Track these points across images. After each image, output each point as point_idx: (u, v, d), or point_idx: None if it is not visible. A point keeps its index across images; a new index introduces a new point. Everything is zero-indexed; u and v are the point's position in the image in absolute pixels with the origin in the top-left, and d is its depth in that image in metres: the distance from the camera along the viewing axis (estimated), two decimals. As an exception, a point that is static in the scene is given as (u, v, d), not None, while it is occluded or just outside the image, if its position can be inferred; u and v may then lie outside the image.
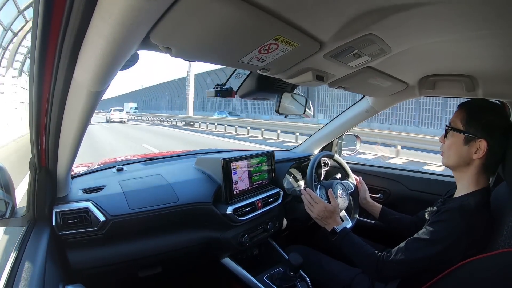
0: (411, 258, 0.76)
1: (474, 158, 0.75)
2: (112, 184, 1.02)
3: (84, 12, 0.36)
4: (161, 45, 0.46)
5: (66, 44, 0.42)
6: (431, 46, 0.68)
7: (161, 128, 16.59)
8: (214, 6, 0.38)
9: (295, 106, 1.05)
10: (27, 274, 0.59)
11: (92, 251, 0.88)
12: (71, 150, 0.71)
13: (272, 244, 1.30)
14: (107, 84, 0.53)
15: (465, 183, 0.79)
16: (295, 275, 1.03)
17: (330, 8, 0.46)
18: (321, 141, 1.63)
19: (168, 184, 1.07)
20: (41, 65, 0.46)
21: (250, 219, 1.15)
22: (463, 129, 0.76)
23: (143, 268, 1.02)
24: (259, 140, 10.22)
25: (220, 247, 1.12)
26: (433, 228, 0.75)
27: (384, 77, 0.94)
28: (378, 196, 1.47)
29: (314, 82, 0.77)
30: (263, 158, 1.28)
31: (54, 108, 0.56)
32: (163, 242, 0.99)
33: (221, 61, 0.61)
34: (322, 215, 1.02)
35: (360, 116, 1.43)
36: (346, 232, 0.94)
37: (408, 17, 0.50)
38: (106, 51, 0.41)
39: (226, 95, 0.91)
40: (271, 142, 9.81)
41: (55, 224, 0.82)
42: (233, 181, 1.14)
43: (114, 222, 0.88)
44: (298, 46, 0.55)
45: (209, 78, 23.11)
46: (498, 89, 0.98)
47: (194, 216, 1.05)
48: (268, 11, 0.43)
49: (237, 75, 0.91)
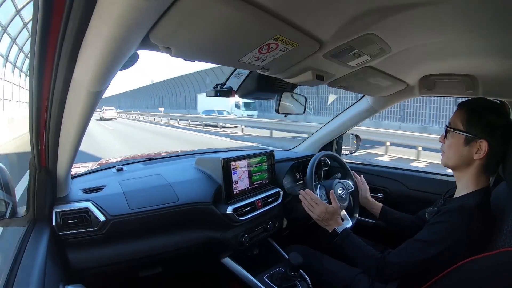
0: (412, 259, 0.76)
1: (474, 158, 0.75)
2: (112, 184, 1.02)
3: (84, 12, 0.36)
4: (161, 45, 0.46)
5: (66, 44, 0.42)
6: (431, 46, 0.68)
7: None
8: (214, 6, 0.38)
9: (295, 106, 1.05)
10: (27, 274, 0.59)
11: (92, 251, 0.88)
12: (71, 150, 0.71)
13: (272, 244, 1.30)
14: (107, 84, 0.53)
15: (465, 183, 0.79)
16: (295, 275, 1.03)
17: (330, 8, 0.46)
18: (321, 141, 1.63)
19: (168, 184, 1.07)
20: (40, 65, 0.46)
21: (250, 218, 1.15)
22: (464, 129, 0.76)
23: (143, 268, 1.02)
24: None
25: (220, 247, 1.12)
26: (433, 229, 0.74)
27: (384, 77, 0.93)
28: (378, 195, 1.47)
29: (314, 81, 0.77)
30: (263, 158, 1.28)
31: (54, 108, 0.56)
32: (163, 242, 0.99)
33: (221, 61, 0.61)
34: (323, 217, 1.02)
35: (360, 115, 1.43)
36: (347, 233, 0.94)
37: (408, 17, 0.50)
38: (105, 51, 0.41)
39: (226, 95, 0.91)
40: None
41: (55, 224, 0.82)
42: (233, 180, 1.14)
43: (114, 222, 0.88)
44: (298, 45, 0.55)
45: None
46: (498, 88, 0.98)
47: (194, 216, 1.05)
48: (268, 11, 0.43)
49: (237, 75, 0.91)
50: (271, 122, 11.56)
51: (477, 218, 0.71)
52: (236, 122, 13.50)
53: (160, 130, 13.70)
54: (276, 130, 10.57)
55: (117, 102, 62.01)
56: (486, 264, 0.65)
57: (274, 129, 10.69)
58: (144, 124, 18.67)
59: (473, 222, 0.71)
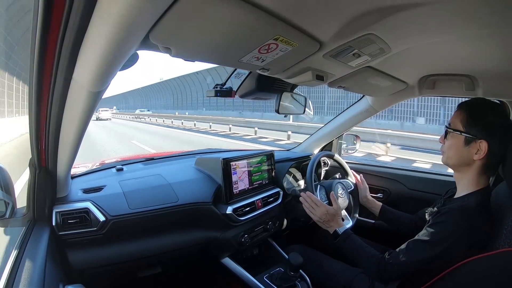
0: (412, 260, 0.76)
1: (474, 159, 0.75)
2: (112, 184, 1.02)
3: (84, 12, 0.36)
4: (161, 45, 0.46)
5: (66, 44, 0.42)
6: (431, 46, 0.67)
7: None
8: (213, 6, 0.38)
9: (295, 106, 1.05)
10: (27, 274, 0.59)
11: (92, 251, 0.88)
12: (71, 150, 0.71)
13: (272, 244, 1.30)
14: (107, 84, 0.53)
15: (465, 184, 0.79)
16: (295, 275, 1.03)
17: (330, 8, 0.46)
18: (321, 141, 1.63)
19: (168, 184, 1.07)
20: (40, 65, 0.46)
21: (250, 219, 1.15)
22: (463, 130, 0.76)
23: (143, 268, 1.02)
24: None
25: (220, 247, 1.12)
26: (434, 229, 0.74)
27: (383, 77, 0.94)
28: (378, 195, 1.47)
29: (314, 81, 0.77)
30: (263, 158, 1.28)
31: (54, 108, 0.56)
32: (163, 242, 0.99)
33: (221, 61, 0.61)
34: (324, 218, 1.01)
35: (360, 115, 1.43)
36: (348, 234, 0.94)
37: (408, 17, 0.50)
38: (105, 51, 0.41)
39: (226, 95, 0.91)
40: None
41: (55, 224, 0.82)
42: (233, 181, 1.14)
43: (114, 222, 0.88)
44: (298, 46, 0.55)
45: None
46: (498, 89, 0.98)
47: (194, 216, 1.05)
48: (268, 11, 0.43)
49: (237, 75, 0.91)
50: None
51: (477, 218, 0.71)
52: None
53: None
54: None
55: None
56: (487, 265, 0.65)
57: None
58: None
59: (473, 222, 0.71)
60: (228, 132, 12.47)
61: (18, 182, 3.00)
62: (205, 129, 14.31)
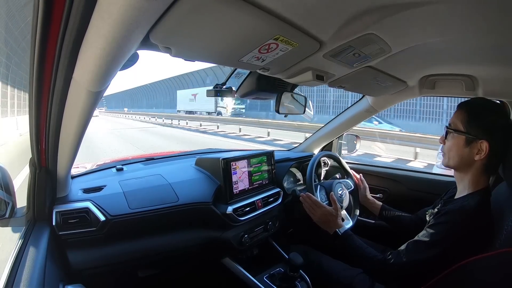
0: (412, 260, 0.76)
1: (475, 159, 0.75)
2: (112, 184, 1.02)
3: (84, 12, 0.36)
4: (161, 45, 0.46)
5: (66, 44, 0.42)
6: (431, 46, 0.67)
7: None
8: (213, 6, 0.38)
9: (295, 106, 1.05)
10: (27, 274, 0.59)
11: (92, 251, 0.88)
12: (71, 150, 0.71)
13: (272, 244, 1.30)
14: (107, 84, 0.53)
15: (465, 184, 0.79)
16: (295, 275, 1.03)
17: (330, 8, 0.46)
18: (321, 141, 1.63)
19: (168, 184, 1.07)
20: (40, 65, 0.46)
21: (250, 219, 1.15)
22: (464, 130, 0.76)
23: (143, 268, 1.02)
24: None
25: (220, 247, 1.12)
26: (434, 230, 0.74)
27: (384, 77, 0.93)
28: (378, 195, 1.47)
29: (314, 81, 0.77)
30: (263, 158, 1.28)
31: (54, 108, 0.56)
32: (163, 242, 0.99)
33: (221, 61, 0.61)
34: (325, 219, 1.01)
35: (360, 115, 1.43)
36: (348, 234, 0.94)
37: (408, 17, 0.50)
38: (105, 51, 0.41)
39: (226, 95, 0.91)
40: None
41: (55, 224, 0.82)
42: (233, 181, 1.14)
43: (114, 222, 0.88)
44: (298, 45, 0.55)
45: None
46: (498, 89, 0.98)
47: (194, 216, 1.05)
48: (268, 11, 0.43)
49: (237, 75, 0.91)
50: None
51: (477, 219, 0.71)
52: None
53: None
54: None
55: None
56: (486, 265, 0.65)
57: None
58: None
59: (473, 222, 0.71)
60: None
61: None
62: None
